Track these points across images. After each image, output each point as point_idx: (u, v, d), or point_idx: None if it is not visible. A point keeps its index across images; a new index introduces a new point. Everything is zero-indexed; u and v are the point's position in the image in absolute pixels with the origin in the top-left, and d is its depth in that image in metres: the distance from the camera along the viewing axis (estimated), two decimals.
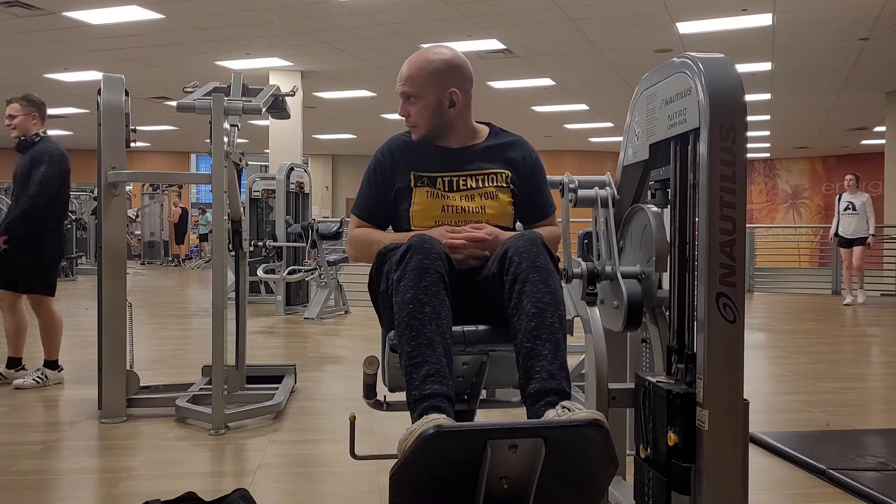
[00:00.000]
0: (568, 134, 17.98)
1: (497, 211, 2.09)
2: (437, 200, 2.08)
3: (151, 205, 17.51)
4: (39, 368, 4.21)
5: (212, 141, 3.41)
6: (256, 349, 5.47)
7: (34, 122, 4.15)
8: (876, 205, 10.11)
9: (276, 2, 8.07)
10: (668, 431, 1.62)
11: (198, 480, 2.66)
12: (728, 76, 1.61)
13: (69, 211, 4.77)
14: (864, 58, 10.12)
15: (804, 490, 2.64)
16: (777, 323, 7.77)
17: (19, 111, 4.11)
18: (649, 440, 1.72)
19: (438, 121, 2.10)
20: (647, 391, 1.73)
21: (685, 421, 1.61)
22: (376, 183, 2.17)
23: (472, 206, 2.08)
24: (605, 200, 2.04)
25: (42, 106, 4.21)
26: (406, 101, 2.11)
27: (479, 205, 2.08)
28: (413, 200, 2.09)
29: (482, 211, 2.07)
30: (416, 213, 2.08)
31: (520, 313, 1.77)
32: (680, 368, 1.70)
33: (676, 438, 1.60)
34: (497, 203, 2.10)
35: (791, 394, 4.27)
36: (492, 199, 2.09)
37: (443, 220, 2.06)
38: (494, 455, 1.49)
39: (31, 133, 4.13)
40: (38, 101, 4.20)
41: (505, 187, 2.11)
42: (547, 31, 9.01)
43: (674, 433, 1.61)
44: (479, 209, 2.08)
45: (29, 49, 10.09)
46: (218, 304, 3.36)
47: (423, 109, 2.09)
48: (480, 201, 2.09)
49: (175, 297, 10.50)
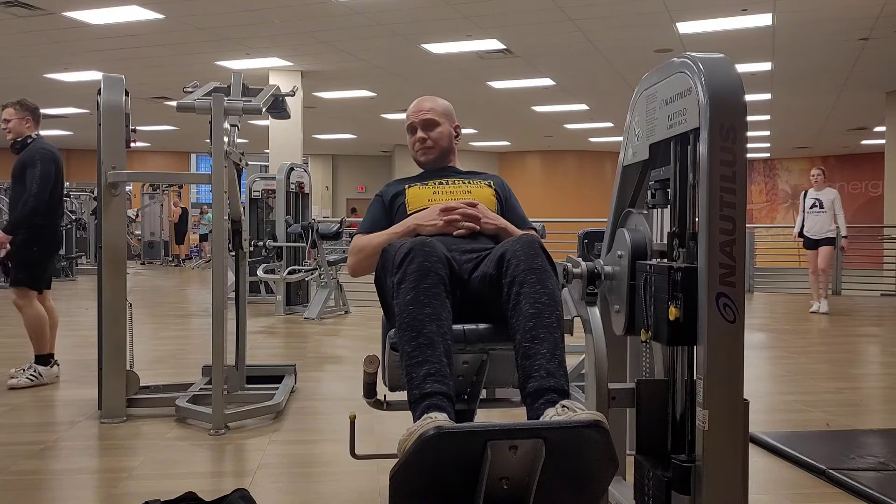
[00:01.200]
0: (568, 134, 17.98)
1: (483, 198, 2.35)
2: (428, 189, 2.38)
3: (151, 205, 17.50)
4: (31, 366, 4.24)
5: (212, 141, 3.41)
6: (256, 349, 5.47)
7: (27, 125, 4.32)
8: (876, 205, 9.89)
9: (276, 2, 8.07)
10: (668, 307, 1.61)
11: (198, 480, 2.66)
12: (728, 76, 1.61)
13: (69, 211, 4.87)
14: (864, 58, 10.12)
15: (804, 490, 2.64)
16: (777, 323, 7.77)
17: (13, 115, 4.31)
18: (650, 323, 1.71)
19: (449, 146, 2.47)
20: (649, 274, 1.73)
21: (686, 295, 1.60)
22: (380, 204, 2.44)
23: (459, 191, 2.38)
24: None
25: (35, 110, 4.39)
26: (425, 128, 2.44)
27: (465, 190, 2.38)
28: (406, 198, 2.37)
29: (469, 194, 2.35)
30: (409, 202, 2.35)
31: (518, 314, 1.80)
32: (682, 251, 1.69)
33: (677, 312, 1.60)
34: (482, 192, 2.39)
35: (791, 394, 4.27)
36: (477, 189, 2.40)
37: (435, 201, 2.31)
38: (495, 456, 1.49)
39: (23, 136, 4.31)
40: (32, 105, 4.39)
41: (489, 188, 2.43)
42: (547, 31, 9.01)
43: (675, 307, 1.60)
44: (466, 192, 2.37)
45: (29, 49, 10.10)
46: (218, 304, 3.36)
47: (441, 135, 2.45)
48: (466, 187, 2.40)
49: (175, 297, 10.50)
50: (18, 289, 4.26)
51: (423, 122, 2.43)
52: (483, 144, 20.35)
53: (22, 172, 4.19)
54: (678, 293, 1.61)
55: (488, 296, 1.93)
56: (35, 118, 4.36)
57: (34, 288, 4.28)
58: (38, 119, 4.40)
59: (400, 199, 2.39)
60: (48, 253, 4.36)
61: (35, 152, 4.20)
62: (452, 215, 2.21)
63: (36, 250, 4.24)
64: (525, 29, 8.98)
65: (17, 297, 4.26)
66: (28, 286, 4.25)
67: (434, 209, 2.25)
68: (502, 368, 2.08)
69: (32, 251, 4.22)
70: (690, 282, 1.60)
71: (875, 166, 17.93)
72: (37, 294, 4.31)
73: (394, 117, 15.66)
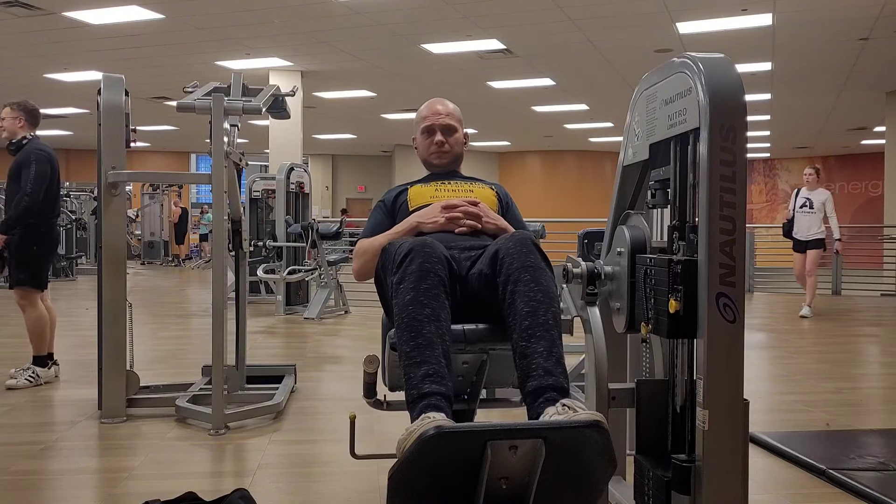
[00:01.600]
0: (568, 134, 17.98)
1: (484, 197, 2.36)
2: (430, 187, 2.41)
3: (151, 205, 17.50)
4: (29, 367, 4.24)
5: (212, 141, 3.41)
6: (256, 349, 5.47)
7: (20, 124, 4.34)
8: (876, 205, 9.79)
9: (276, 2, 8.07)
10: (668, 300, 1.61)
11: (198, 480, 2.66)
12: (728, 76, 1.61)
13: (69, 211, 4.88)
14: (864, 58, 10.12)
15: (804, 490, 2.64)
16: (777, 323, 7.77)
17: (8, 114, 4.34)
18: (650, 316, 1.71)
19: (461, 152, 2.52)
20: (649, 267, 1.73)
21: (687, 288, 1.60)
22: (382, 208, 2.45)
23: (461, 189, 2.40)
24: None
25: (32, 111, 4.40)
26: (445, 133, 2.46)
27: (468, 189, 2.41)
28: (409, 196, 2.39)
29: (471, 193, 2.38)
30: (411, 199, 2.37)
31: (514, 313, 1.79)
32: (681, 245, 1.69)
33: (678, 305, 1.60)
34: (484, 192, 2.42)
35: (791, 394, 4.27)
36: (480, 189, 2.43)
37: (437, 198, 2.32)
38: (494, 456, 1.49)
39: (18, 136, 4.33)
40: (31, 107, 4.41)
41: (491, 190, 2.46)
42: (547, 31, 9.01)
43: (675, 301, 1.60)
44: (468, 191, 2.39)
45: (29, 49, 10.10)
46: (218, 304, 3.36)
47: (457, 141, 2.49)
48: (469, 186, 2.43)
49: (175, 297, 10.50)
50: (20, 289, 4.26)
51: (444, 127, 2.45)
52: (483, 144, 20.35)
53: (17, 172, 4.21)
54: (678, 286, 1.61)
55: (485, 294, 1.93)
56: (29, 119, 4.36)
57: (36, 287, 4.29)
58: (35, 120, 4.41)
59: (402, 197, 2.40)
60: (47, 252, 4.37)
61: (30, 153, 4.22)
62: (454, 212, 2.21)
63: (35, 249, 4.24)
64: (525, 29, 8.98)
65: (20, 297, 4.27)
66: (30, 286, 4.26)
67: (436, 206, 2.25)
68: (502, 368, 2.08)
69: (31, 250, 4.23)
70: (690, 274, 1.60)
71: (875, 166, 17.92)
72: (40, 294, 4.31)
73: (394, 117, 15.66)
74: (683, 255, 1.67)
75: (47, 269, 4.43)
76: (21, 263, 4.23)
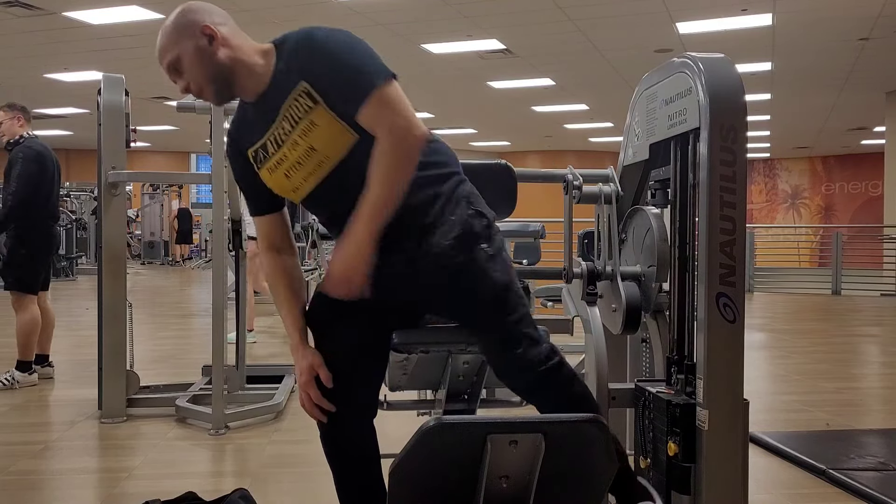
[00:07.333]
0: (568, 134, 17.97)
1: (327, 142, 1.65)
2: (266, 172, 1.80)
3: (151, 205, 17.49)
4: (10, 370, 4.20)
5: (212, 141, 3.42)
6: (256, 349, 5.47)
7: (20, 123, 4.36)
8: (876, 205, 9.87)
9: (276, 1, 8.06)
10: (668, 441, 1.62)
11: (198, 480, 2.66)
12: (728, 76, 1.61)
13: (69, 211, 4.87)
14: (864, 58, 10.11)
15: (804, 490, 2.64)
16: (777, 323, 7.76)
17: (3, 116, 4.36)
18: (649, 450, 1.72)
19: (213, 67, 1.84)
20: (647, 401, 1.73)
21: (685, 431, 1.60)
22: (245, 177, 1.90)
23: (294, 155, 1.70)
24: (609, 197, 2.04)
25: (24, 109, 4.45)
26: (172, 73, 1.84)
27: (307, 146, 1.67)
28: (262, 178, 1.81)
29: (313, 152, 1.66)
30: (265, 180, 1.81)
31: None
32: (680, 379, 1.69)
33: (676, 448, 1.60)
34: (321, 134, 1.65)
35: (791, 394, 4.27)
36: (314, 136, 1.66)
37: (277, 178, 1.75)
38: (494, 450, 1.49)
39: (16, 135, 4.34)
40: (19, 105, 4.44)
41: (325, 113, 1.65)
42: (547, 31, 9.01)
43: (674, 443, 1.61)
44: (308, 150, 1.67)
45: (29, 49, 10.09)
46: (218, 304, 3.36)
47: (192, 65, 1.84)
48: (303, 141, 1.67)
49: (175, 297, 10.49)
50: (11, 292, 4.25)
51: (169, 68, 1.80)
52: (483, 144, 20.34)
53: (8, 172, 4.23)
54: (677, 429, 1.63)
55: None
56: (25, 116, 4.39)
57: (24, 291, 4.21)
58: (29, 117, 4.44)
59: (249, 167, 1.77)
60: (36, 255, 4.27)
61: (19, 151, 4.23)
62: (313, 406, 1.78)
63: (24, 252, 4.19)
64: (525, 29, 8.97)
65: (13, 300, 4.25)
66: (16, 289, 4.21)
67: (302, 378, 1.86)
68: None
69: (20, 253, 4.19)
70: (689, 418, 1.62)
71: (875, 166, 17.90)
72: (34, 298, 4.24)
73: None
74: (683, 393, 1.68)
75: (38, 273, 4.31)
76: (11, 266, 4.22)
